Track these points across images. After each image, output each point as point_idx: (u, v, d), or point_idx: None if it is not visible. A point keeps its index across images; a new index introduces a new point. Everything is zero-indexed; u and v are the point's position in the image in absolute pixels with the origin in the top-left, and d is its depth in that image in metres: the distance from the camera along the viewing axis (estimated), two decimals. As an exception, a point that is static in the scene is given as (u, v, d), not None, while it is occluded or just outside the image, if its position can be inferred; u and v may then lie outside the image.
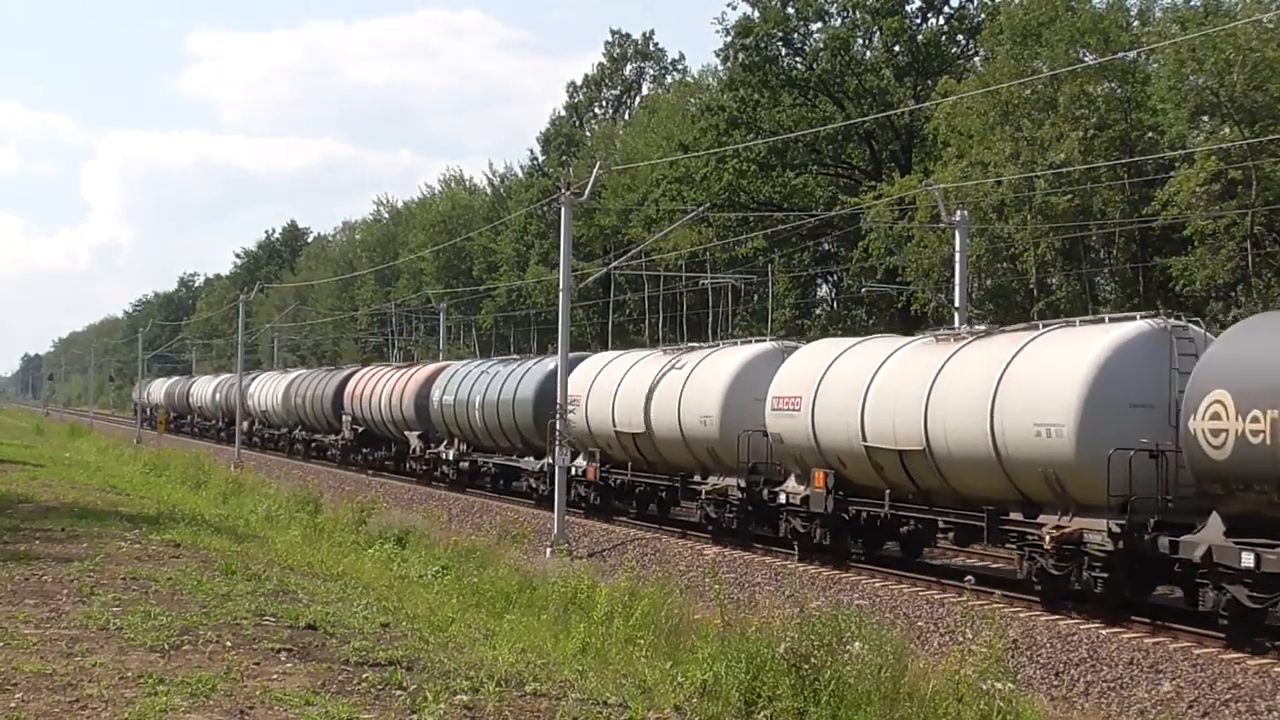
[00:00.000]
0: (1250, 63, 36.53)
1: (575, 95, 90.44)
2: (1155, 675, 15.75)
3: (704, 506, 27.98)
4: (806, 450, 24.06)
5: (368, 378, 52.80)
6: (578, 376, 32.86)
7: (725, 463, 27.04)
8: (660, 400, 29.30)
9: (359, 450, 52.49)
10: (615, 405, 31.05)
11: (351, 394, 53.10)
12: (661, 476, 30.45)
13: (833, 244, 57.05)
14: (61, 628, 10.61)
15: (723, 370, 27.73)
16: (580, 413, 31.89)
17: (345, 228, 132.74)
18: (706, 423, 27.24)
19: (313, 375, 63.59)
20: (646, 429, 29.66)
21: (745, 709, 10.98)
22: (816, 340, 29.53)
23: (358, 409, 51.91)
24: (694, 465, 28.60)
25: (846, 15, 56.50)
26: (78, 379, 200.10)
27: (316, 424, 58.83)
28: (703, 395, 27.61)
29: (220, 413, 79.82)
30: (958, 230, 32.81)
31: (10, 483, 26.14)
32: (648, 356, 32.29)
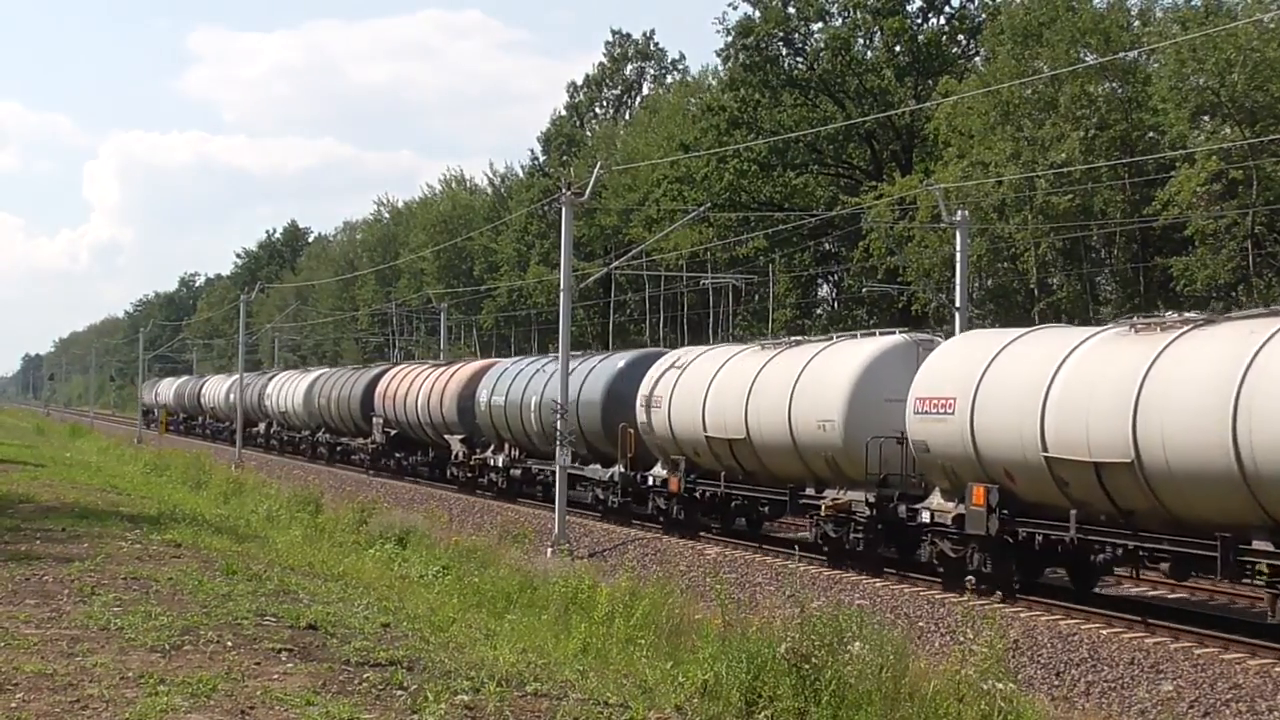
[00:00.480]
0: (1251, 63, 36.57)
1: (576, 95, 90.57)
2: (1156, 675, 15.75)
3: (820, 524, 24.21)
4: (961, 461, 20.48)
5: (402, 376, 48.54)
6: (657, 375, 29.69)
7: (848, 474, 23.53)
8: (763, 401, 25.49)
9: (391, 455, 48.76)
10: (706, 407, 27.31)
11: (383, 394, 49.10)
12: (764, 489, 26.50)
13: (833, 244, 57.11)
14: (62, 628, 10.61)
15: (846, 367, 23.86)
16: (661, 416, 28.72)
17: (346, 228, 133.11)
18: (826, 428, 23.61)
19: (338, 374, 59.00)
20: (745, 434, 25.91)
21: (746, 709, 10.98)
22: (972, 332, 25.74)
23: (390, 410, 47.98)
24: (806, 476, 24.91)
25: (847, 15, 56.57)
26: (78, 379, 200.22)
27: (343, 427, 54.87)
28: (820, 396, 23.89)
29: (234, 414, 75.82)
30: (958, 230, 32.81)
31: (11, 483, 26.13)
32: (743, 352, 28.36)
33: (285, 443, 64.79)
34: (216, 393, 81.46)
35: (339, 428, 55.60)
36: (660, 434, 28.95)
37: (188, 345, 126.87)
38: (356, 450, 52.74)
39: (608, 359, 34.45)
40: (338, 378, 57.53)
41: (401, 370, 50.20)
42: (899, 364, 23.22)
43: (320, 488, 34.17)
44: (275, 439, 66.47)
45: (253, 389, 70.59)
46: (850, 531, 23.51)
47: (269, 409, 66.81)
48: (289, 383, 65.27)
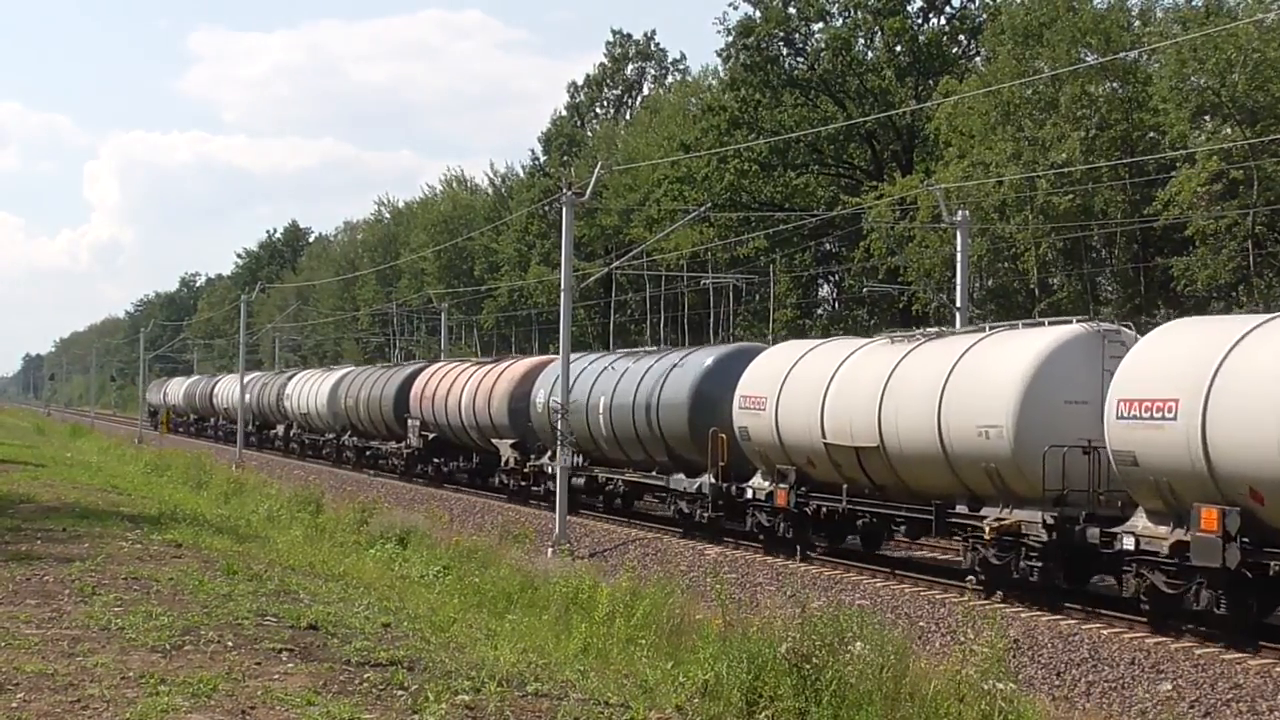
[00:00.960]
0: (1251, 63, 36.58)
1: (576, 95, 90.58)
2: (1156, 675, 15.75)
3: (979, 548, 20.48)
4: (1183, 477, 16.68)
5: (441, 375, 44.83)
6: (759, 372, 26.21)
7: (1016, 489, 19.87)
8: (902, 404, 21.76)
9: (429, 460, 45.04)
10: (825, 410, 23.50)
11: (420, 394, 45.42)
12: (899, 505, 22.65)
13: (834, 244, 57.12)
14: (63, 628, 10.61)
15: (1015, 363, 20.06)
16: (764, 420, 25.24)
17: (346, 228, 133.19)
18: (989, 435, 19.87)
19: (367, 373, 54.57)
20: (878, 442, 22.10)
21: (747, 709, 10.98)
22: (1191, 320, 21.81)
23: (428, 412, 44.32)
24: (957, 491, 21.17)
25: (848, 15, 56.58)
26: (79, 379, 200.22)
27: (373, 429, 50.89)
28: (981, 397, 20.23)
29: (251, 416, 69.96)
30: (959, 230, 32.80)
31: (12, 483, 26.14)
32: (869, 345, 24.59)
33: (307, 445, 61.23)
34: (230, 393, 75.56)
35: (368, 430, 51.83)
36: (763, 441, 25.46)
37: (188, 345, 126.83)
38: (389, 455, 48.94)
39: (692, 356, 30.78)
40: (367, 376, 53.37)
41: (441, 368, 46.39)
42: (1080, 358, 19.84)
43: (321, 488, 34.16)
44: (295, 442, 63.02)
45: (270, 389, 68.05)
46: (1020, 558, 19.68)
47: (289, 410, 63.23)
48: (311, 382, 61.37)
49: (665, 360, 31.03)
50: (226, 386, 78.05)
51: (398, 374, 49.69)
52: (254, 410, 69.85)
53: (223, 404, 77.40)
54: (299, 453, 62.04)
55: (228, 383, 78.54)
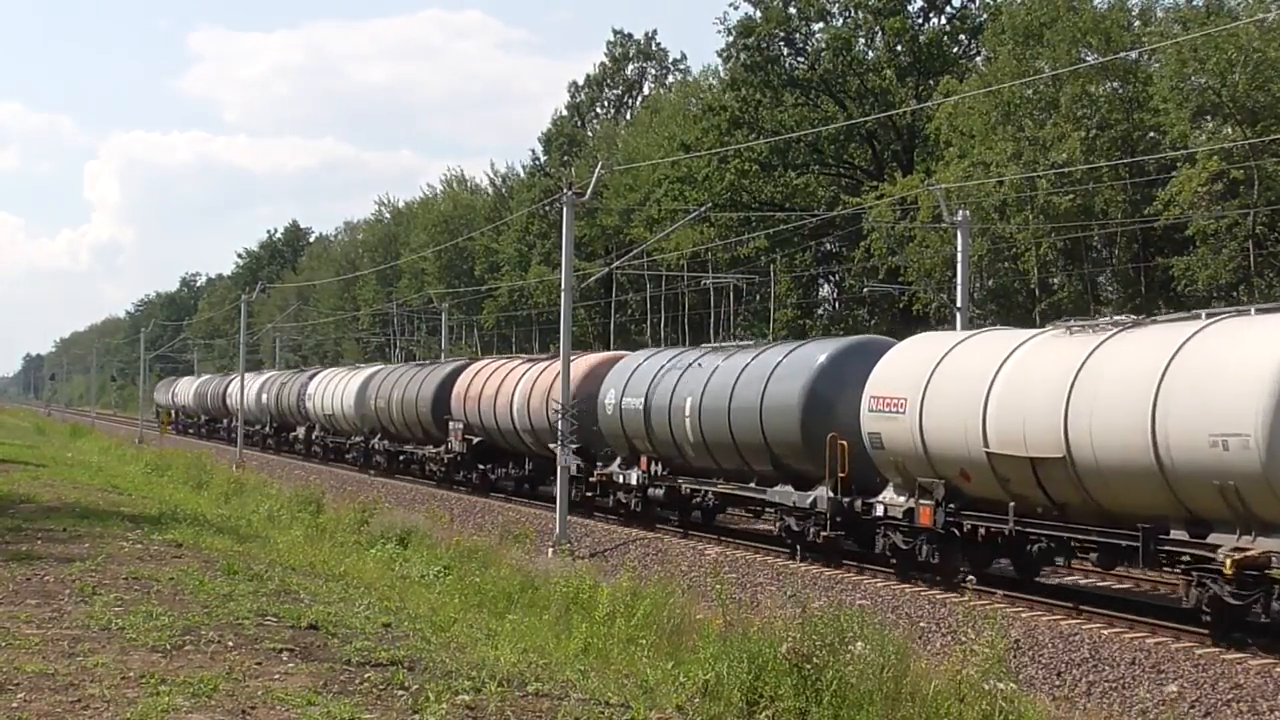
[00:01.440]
0: (1252, 63, 36.58)
1: (577, 95, 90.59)
2: (1157, 675, 15.75)
3: (1211, 584, 16.56)
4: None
5: (488, 374, 41.12)
6: (895, 369, 22.39)
7: (1261, 513, 16.01)
8: (1098, 406, 17.90)
9: (473, 467, 41.13)
10: (989, 413, 19.69)
11: (463, 394, 41.70)
12: (1088, 527, 18.75)
13: (834, 244, 57.13)
14: (63, 628, 10.60)
15: (1263, 356, 15.98)
16: (903, 425, 21.39)
17: (347, 228, 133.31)
18: (1227, 445, 15.90)
19: (400, 371, 50.50)
20: (1064, 452, 18.24)
21: (747, 709, 10.98)
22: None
23: (473, 414, 40.60)
24: (1174, 513, 17.23)
25: (848, 15, 56.60)
26: (79, 379, 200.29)
27: (408, 432, 46.99)
28: (1216, 398, 16.25)
29: (269, 418, 65.86)
30: (959, 230, 32.80)
31: (12, 483, 26.13)
32: (1042, 335, 20.63)
33: (329, 449, 57.20)
34: (335, 393, 66.18)
35: (401, 434, 47.76)
36: (900, 449, 21.50)
37: (189, 345, 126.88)
38: (427, 460, 44.91)
39: (800, 350, 26.83)
40: (400, 375, 49.21)
41: (487, 366, 43.11)
42: None
43: (321, 488, 34.15)
44: (318, 445, 58.91)
45: (290, 388, 64.30)
46: (1275, 598, 15.90)
47: (311, 411, 59.43)
48: (335, 381, 57.50)
49: (766, 356, 27.23)
50: (330, 385, 68.78)
51: (436, 372, 45.67)
52: (271, 412, 65.86)
53: (237, 405, 71.47)
54: (321, 457, 58.09)
55: (331, 380, 69.17)
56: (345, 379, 56.13)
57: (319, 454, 58.54)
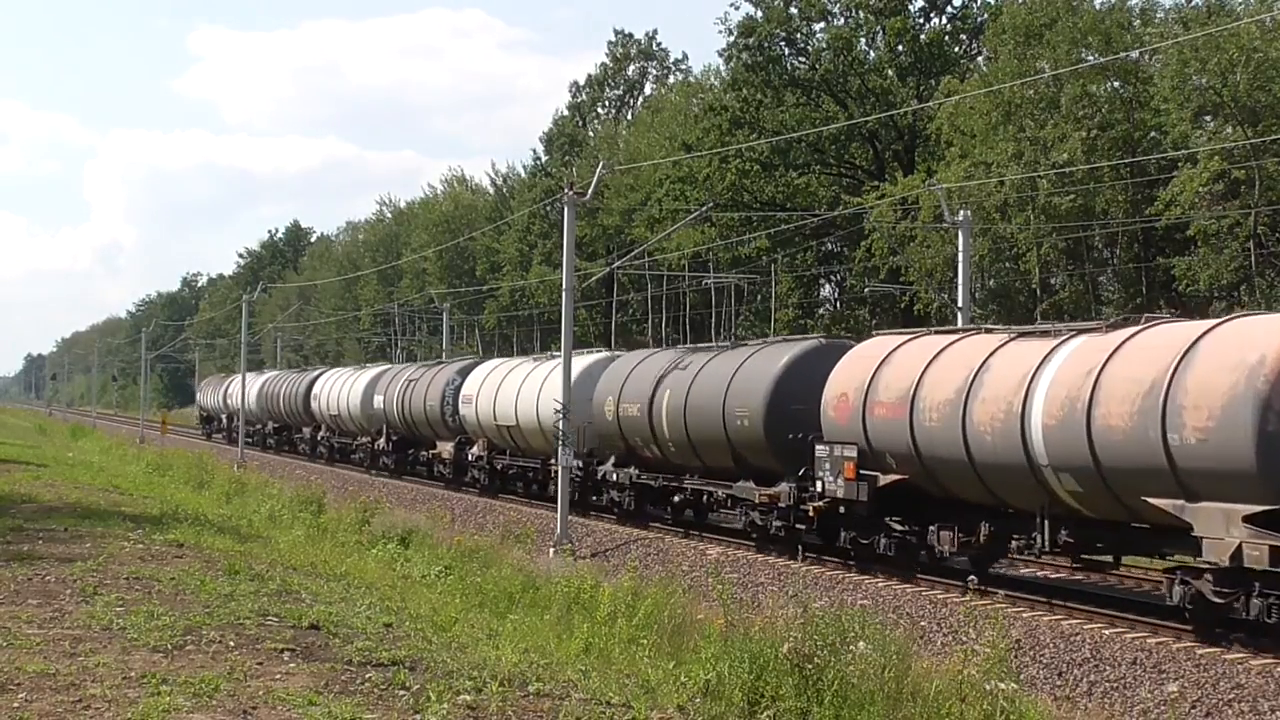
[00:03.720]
0: (1253, 63, 36.56)
1: (578, 95, 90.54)
2: (1158, 675, 15.74)
3: None
4: None
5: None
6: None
7: None
8: None
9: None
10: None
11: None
12: None
13: (836, 244, 57.11)
14: (65, 628, 10.61)
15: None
16: None
17: (348, 228, 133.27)
18: None
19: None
20: None
21: (748, 709, 10.98)
22: None
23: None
24: None
25: (849, 15, 56.57)
26: (81, 379, 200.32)
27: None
28: None
29: (373, 429, 50.38)
30: (961, 230, 32.79)
31: (13, 482, 26.14)
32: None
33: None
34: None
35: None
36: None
37: (190, 345, 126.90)
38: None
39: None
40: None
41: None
42: None
43: (322, 488, 34.16)
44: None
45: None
46: None
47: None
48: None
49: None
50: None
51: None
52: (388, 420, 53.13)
53: (328, 409, 56.14)
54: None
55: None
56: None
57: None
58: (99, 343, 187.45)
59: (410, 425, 45.85)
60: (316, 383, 59.02)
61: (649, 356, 31.96)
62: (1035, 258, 43.35)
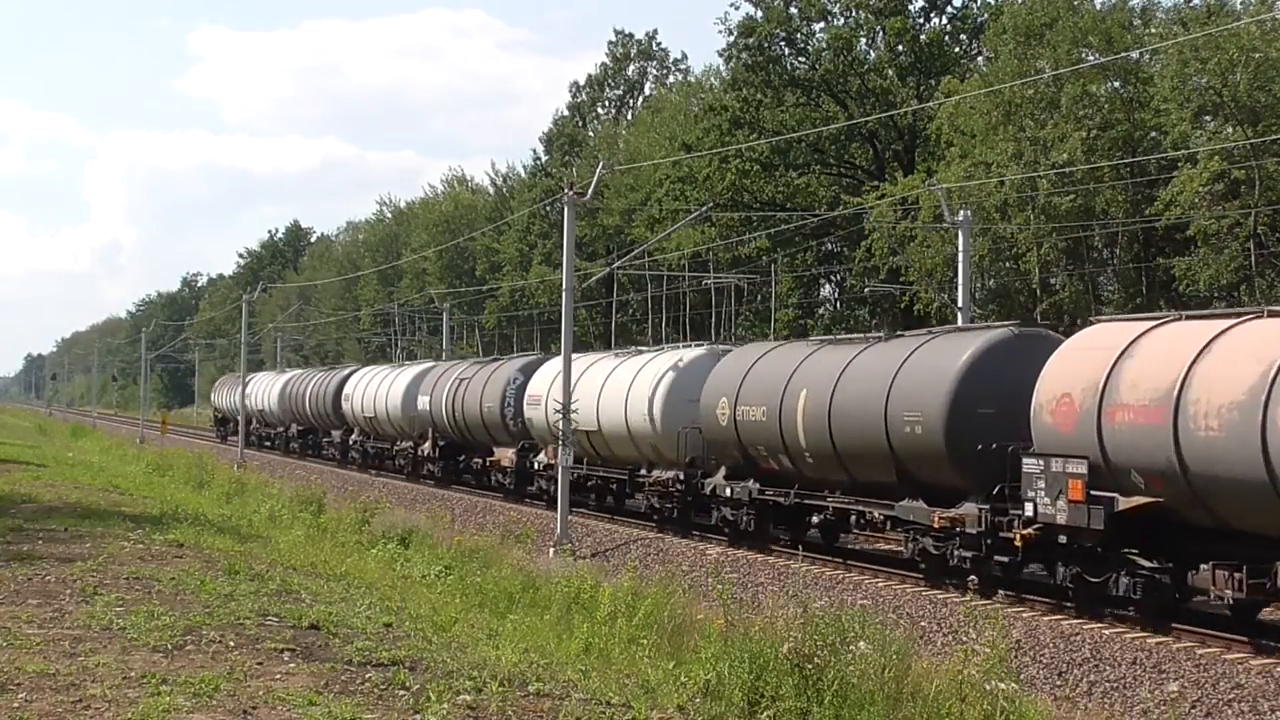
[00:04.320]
0: (1253, 63, 36.54)
1: (578, 95, 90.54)
2: (1158, 675, 15.74)
3: None
4: None
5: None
6: None
7: None
8: None
9: None
10: None
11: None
12: None
13: (836, 244, 57.09)
14: (65, 628, 10.61)
15: None
16: None
17: (348, 228, 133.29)
18: None
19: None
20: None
21: (748, 709, 10.98)
22: None
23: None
24: None
25: (849, 15, 56.55)
26: (81, 379, 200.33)
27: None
28: None
29: (415, 433, 46.16)
30: (961, 230, 32.78)
31: (13, 482, 26.14)
32: None
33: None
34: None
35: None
36: None
37: (190, 345, 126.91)
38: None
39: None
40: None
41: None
42: None
43: (323, 488, 34.16)
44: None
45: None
46: None
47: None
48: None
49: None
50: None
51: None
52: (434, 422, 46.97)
53: (363, 411, 51.71)
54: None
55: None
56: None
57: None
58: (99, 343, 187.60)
59: (462, 429, 41.30)
60: (348, 382, 54.29)
61: (773, 349, 27.24)
62: (1035, 258, 43.34)
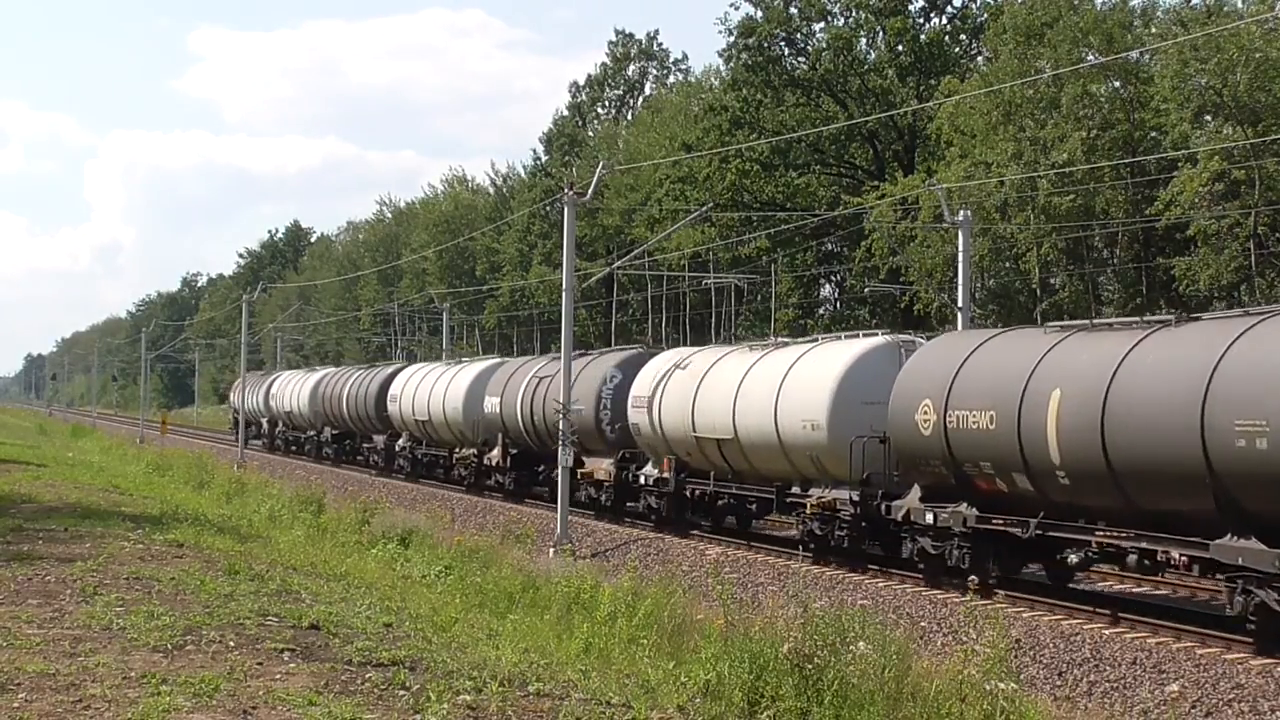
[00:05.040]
0: (1253, 63, 36.54)
1: (578, 95, 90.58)
2: (1158, 675, 15.74)
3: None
4: None
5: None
6: None
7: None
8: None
9: None
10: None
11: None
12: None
13: (836, 244, 57.12)
14: (65, 628, 10.60)
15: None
16: None
17: (349, 228, 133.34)
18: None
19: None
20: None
21: (748, 709, 10.98)
22: None
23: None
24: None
25: (849, 15, 56.57)
26: (81, 379, 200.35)
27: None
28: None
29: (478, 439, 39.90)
30: (961, 230, 32.75)
31: (13, 482, 26.14)
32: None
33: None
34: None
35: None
36: None
37: (190, 345, 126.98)
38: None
39: None
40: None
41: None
42: None
43: (323, 488, 34.15)
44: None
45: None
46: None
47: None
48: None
49: None
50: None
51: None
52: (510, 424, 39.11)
53: (415, 414, 44.67)
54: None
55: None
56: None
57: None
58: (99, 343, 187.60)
59: (541, 436, 35.02)
60: (394, 381, 48.02)
61: (994, 338, 21.44)
62: (1035, 258, 43.35)
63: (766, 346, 27.78)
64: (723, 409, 26.44)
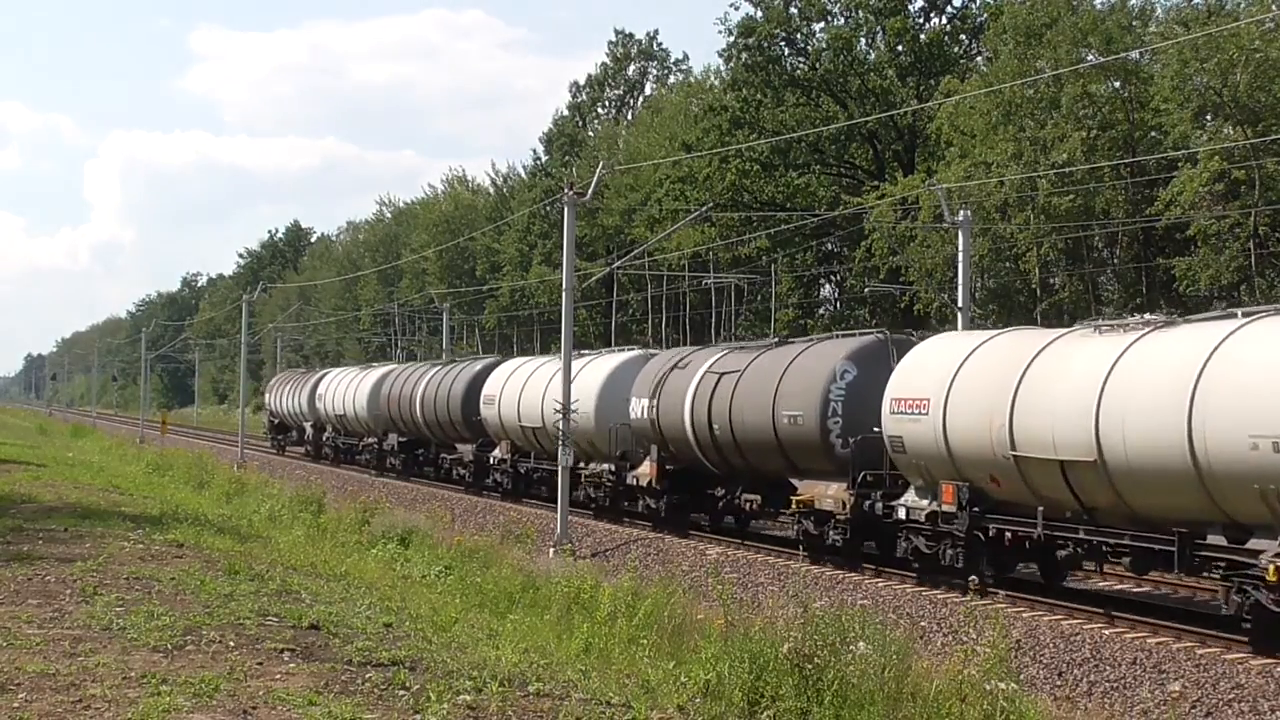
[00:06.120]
0: (1253, 63, 36.53)
1: (578, 95, 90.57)
2: (1158, 675, 15.74)
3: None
4: None
5: None
6: None
7: None
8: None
9: None
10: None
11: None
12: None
13: (836, 244, 57.11)
14: (65, 628, 10.60)
15: None
16: None
17: (349, 228, 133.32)
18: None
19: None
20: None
21: (748, 709, 10.98)
22: None
23: None
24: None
25: (849, 15, 56.56)
26: (81, 379, 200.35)
27: None
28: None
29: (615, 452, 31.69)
30: (961, 230, 32.76)
31: (13, 483, 26.14)
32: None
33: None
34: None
35: None
36: None
37: (190, 345, 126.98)
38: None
39: None
40: None
41: None
42: None
43: (322, 488, 34.15)
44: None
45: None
46: None
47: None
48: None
49: None
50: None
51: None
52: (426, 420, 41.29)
53: (522, 418, 36.51)
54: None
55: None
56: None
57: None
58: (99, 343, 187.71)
59: (722, 449, 27.23)
60: (490, 379, 39.55)
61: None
62: (1035, 258, 43.34)
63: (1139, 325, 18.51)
64: (1043, 420, 18.47)
